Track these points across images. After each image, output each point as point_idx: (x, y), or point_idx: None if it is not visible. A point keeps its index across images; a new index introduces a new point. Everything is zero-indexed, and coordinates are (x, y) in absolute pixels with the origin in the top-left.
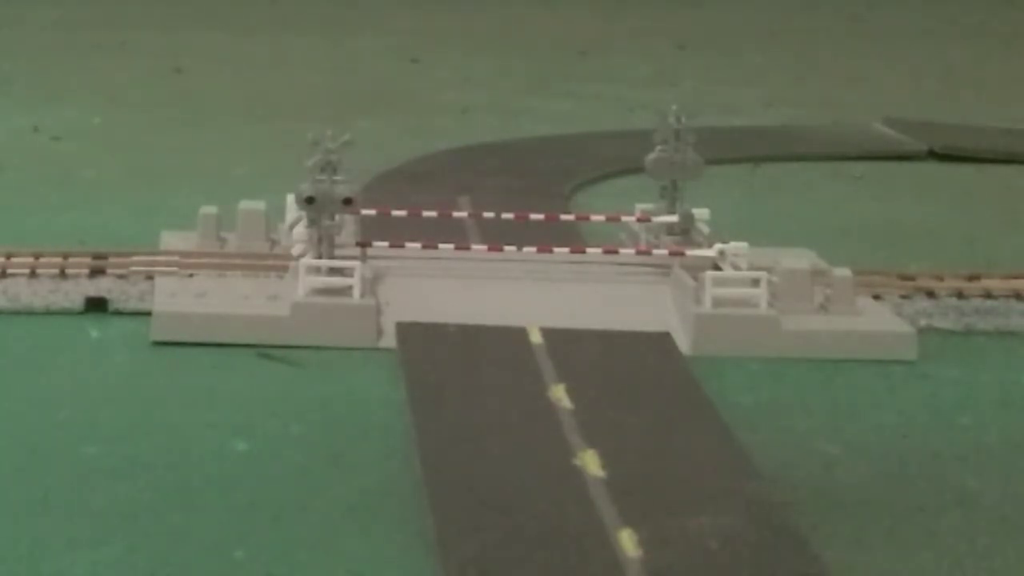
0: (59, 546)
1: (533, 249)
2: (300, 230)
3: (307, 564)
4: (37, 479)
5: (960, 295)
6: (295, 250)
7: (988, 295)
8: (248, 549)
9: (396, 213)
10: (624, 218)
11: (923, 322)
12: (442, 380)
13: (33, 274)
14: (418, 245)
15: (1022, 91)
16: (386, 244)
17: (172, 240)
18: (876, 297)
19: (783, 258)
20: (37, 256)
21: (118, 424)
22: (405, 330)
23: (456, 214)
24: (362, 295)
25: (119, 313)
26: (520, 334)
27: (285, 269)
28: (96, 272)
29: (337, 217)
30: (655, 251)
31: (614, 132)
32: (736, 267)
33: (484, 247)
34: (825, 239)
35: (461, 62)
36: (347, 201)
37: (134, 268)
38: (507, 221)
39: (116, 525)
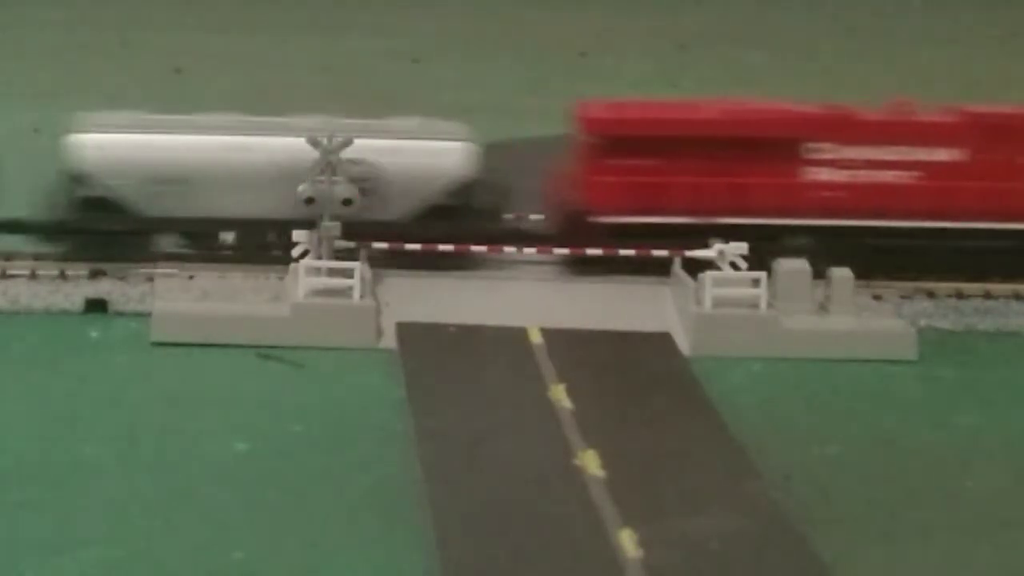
0: (59, 545)
1: (533, 249)
2: (300, 231)
3: (306, 564)
4: (37, 479)
5: (960, 295)
6: (295, 251)
7: (988, 295)
8: (248, 549)
9: None
10: None
11: (923, 322)
12: (442, 380)
13: (33, 275)
14: (418, 246)
15: (1021, 91)
16: (386, 244)
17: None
18: (876, 297)
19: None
20: (37, 257)
21: (118, 424)
22: (405, 330)
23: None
24: (362, 296)
25: (119, 314)
26: (520, 334)
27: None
28: (96, 274)
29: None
30: (655, 251)
31: None
32: (736, 267)
33: (484, 247)
34: None
35: (461, 62)
36: (347, 202)
37: (134, 269)
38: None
39: (116, 525)
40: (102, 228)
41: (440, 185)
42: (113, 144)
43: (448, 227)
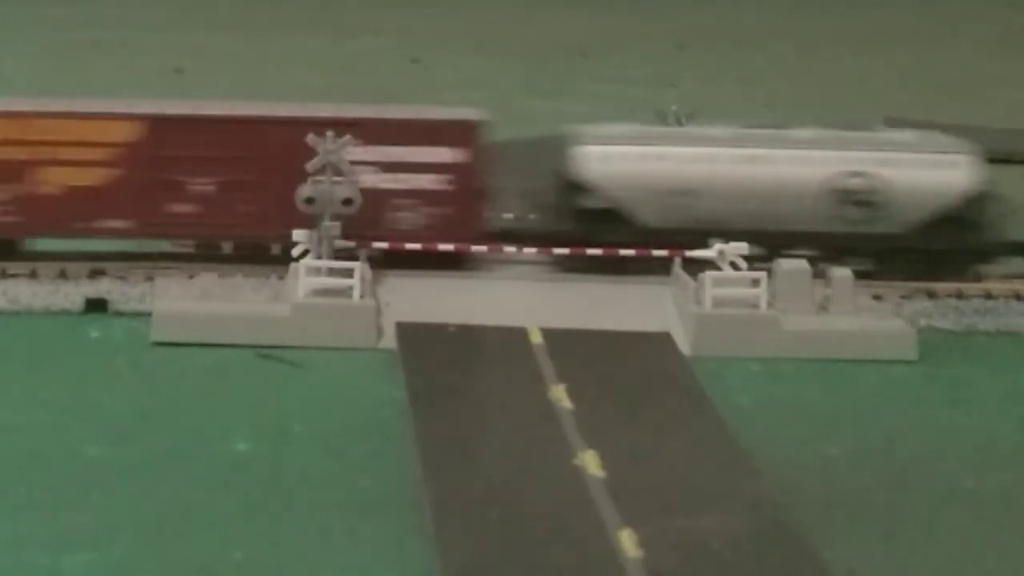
0: (59, 545)
1: (533, 249)
2: (300, 231)
3: (307, 564)
4: (38, 479)
5: (960, 295)
6: (295, 251)
7: (988, 295)
8: (248, 549)
9: None
10: None
11: (923, 322)
12: (442, 380)
13: (33, 275)
14: (418, 246)
15: (1021, 92)
16: (386, 244)
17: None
18: (876, 297)
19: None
20: (38, 257)
21: (118, 424)
22: (405, 330)
23: None
24: (362, 296)
25: (119, 314)
26: (520, 334)
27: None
28: (96, 273)
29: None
30: (655, 251)
31: None
32: (736, 267)
33: (484, 247)
34: None
35: (461, 62)
36: (347, 201)
37: (134, 269)
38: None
39: (116, 525)
40: (605, 239)
41: (946, 198)
42: (620, 156)
43: (952, 239)
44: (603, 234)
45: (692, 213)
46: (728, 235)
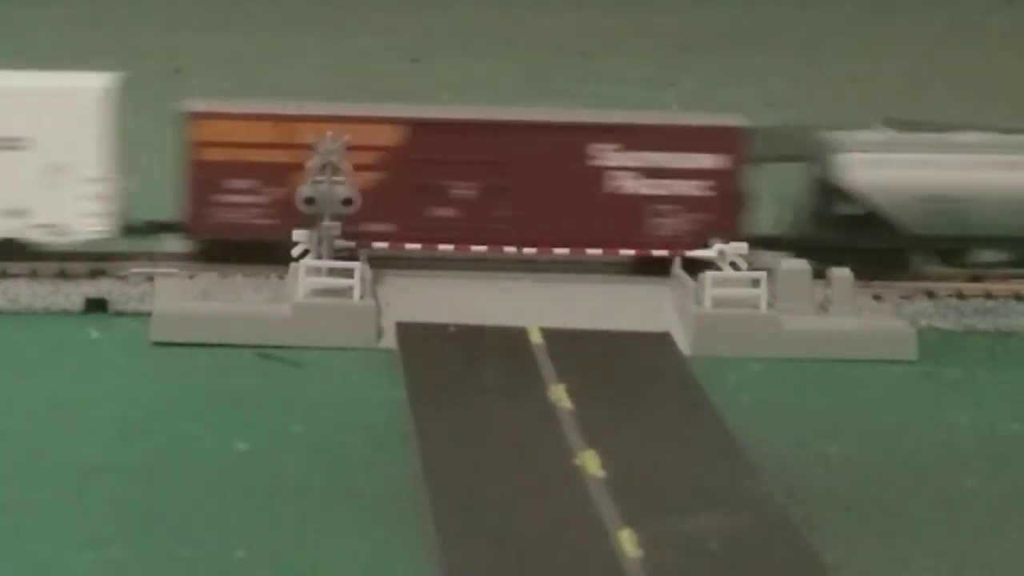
0: (60, 546)
1: (533, 249)
2: (300, 231)
3: (307, 564)
4: (38, 479)
5: (960, 295)
6: (295, 251)
7: (988, 295)
8: (248, 549)
9: None
10: None
11: (923, 322)
12: (442, 380)
13: (33, 275)
14: (418, 245)
15: (1021, 91)
16: (386, 244)
17: (173, 242)
18: (876, 297)
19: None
20: (37, 257)
21: (118, 424)
22: (405, 330)
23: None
24: (362, 296)
25: (119, 314)
26: (520, 334)
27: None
28: (96, 273)
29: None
30: (655, 251)
31: None
32: (736, 267)
33: (484, 247)
34: None
35: (461, 62)
36: (347, 201)
37: (134, 269)
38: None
39: (116, 525)
40: (864, 246)
41: None
42: (885, 163)
43: None
44: (863, 240)
45: (956, 219)
46: (989, 241)
